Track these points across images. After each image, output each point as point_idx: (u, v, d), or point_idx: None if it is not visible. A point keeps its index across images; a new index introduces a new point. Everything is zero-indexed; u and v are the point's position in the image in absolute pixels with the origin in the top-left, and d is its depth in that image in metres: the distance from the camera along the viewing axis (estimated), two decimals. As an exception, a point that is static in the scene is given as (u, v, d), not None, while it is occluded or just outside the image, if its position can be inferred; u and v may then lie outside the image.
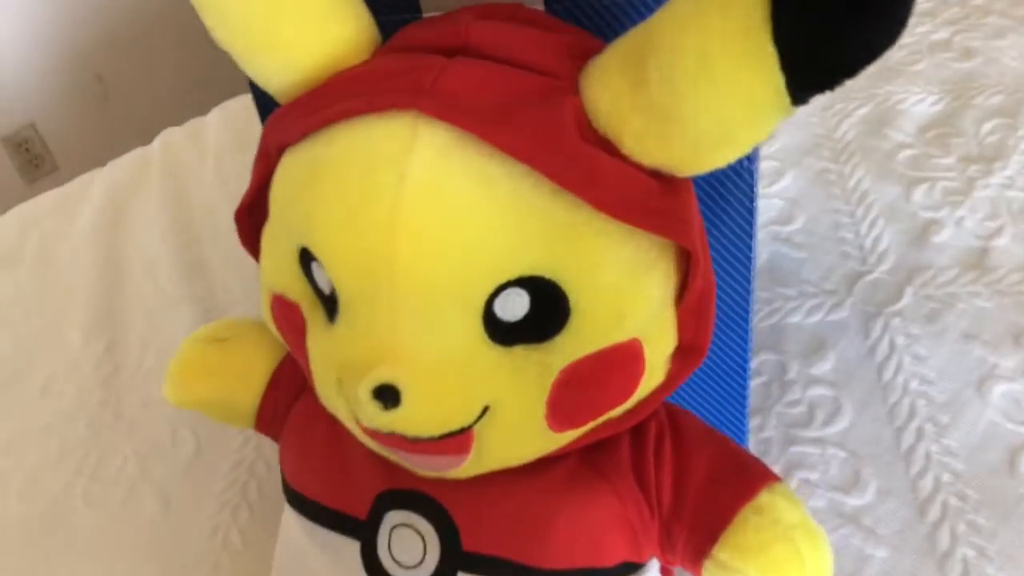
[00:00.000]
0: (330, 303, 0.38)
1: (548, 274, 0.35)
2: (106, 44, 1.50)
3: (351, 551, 0.44)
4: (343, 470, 0.45)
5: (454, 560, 0.42)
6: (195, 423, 0.76)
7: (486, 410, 0.37)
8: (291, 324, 0.41)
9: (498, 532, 0.42)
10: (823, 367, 0.70)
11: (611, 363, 0.38)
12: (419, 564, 0.42)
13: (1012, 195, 0.80)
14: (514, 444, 0.40)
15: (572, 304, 0.36)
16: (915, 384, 0.67)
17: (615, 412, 0.40)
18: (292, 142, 0.39)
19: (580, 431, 0.40)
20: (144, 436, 0.77)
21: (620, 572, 0.43)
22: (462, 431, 0.38)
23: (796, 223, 0.82)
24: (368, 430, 0.39)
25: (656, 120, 0.34)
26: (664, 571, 0.46)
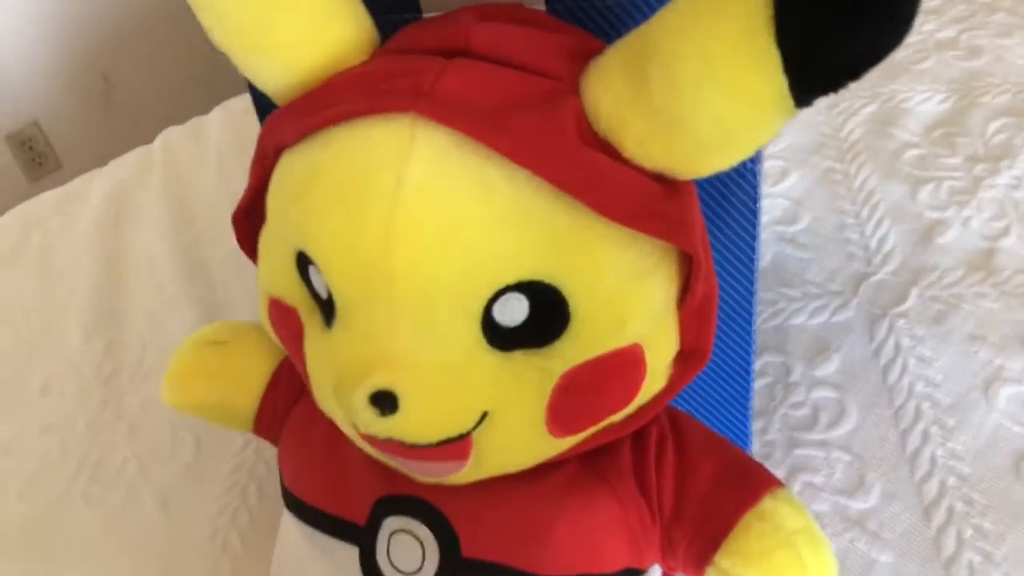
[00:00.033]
0: (327, 308, 0.38)
1: (548, 279, 0.35)
2: (109, 42, 1.50)
3: (350, 557, 0.44)
4: (342, 475, 0.45)
5: (453, 566, 0.42)
6: (195, 424, 0.76)
7: (485, 416, 0.37)
8: (288, 329, 0.41)
9: (497, 538, 0.42)
10: (827, 369, 0.70)
11: (612, 368, 0.37)
12: (418, 570, 0.42)
13: (1019, 195, 0.79)
14: (514, 450, 0.39)
15: (572, 309, 0.35)
16: (920, 386, 0.67)
17: (616, 417, 0.40)
18: (290, 144, 0.39)
19: (580, 436, 0.40)
20: (144, 437, 0.77)
21: (621, 578, 0.42)
22: (461, 437, 0.37)
23: (801, 223, 0.81)
24: (366, 436, 0.39)
25: (658, 123, 0.33)
26: (666, 577, 0.46)
